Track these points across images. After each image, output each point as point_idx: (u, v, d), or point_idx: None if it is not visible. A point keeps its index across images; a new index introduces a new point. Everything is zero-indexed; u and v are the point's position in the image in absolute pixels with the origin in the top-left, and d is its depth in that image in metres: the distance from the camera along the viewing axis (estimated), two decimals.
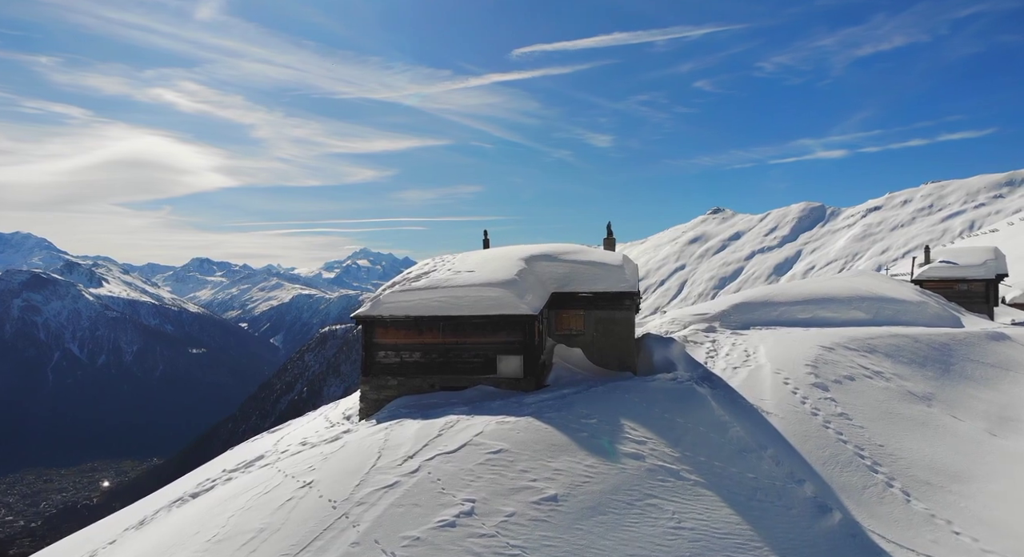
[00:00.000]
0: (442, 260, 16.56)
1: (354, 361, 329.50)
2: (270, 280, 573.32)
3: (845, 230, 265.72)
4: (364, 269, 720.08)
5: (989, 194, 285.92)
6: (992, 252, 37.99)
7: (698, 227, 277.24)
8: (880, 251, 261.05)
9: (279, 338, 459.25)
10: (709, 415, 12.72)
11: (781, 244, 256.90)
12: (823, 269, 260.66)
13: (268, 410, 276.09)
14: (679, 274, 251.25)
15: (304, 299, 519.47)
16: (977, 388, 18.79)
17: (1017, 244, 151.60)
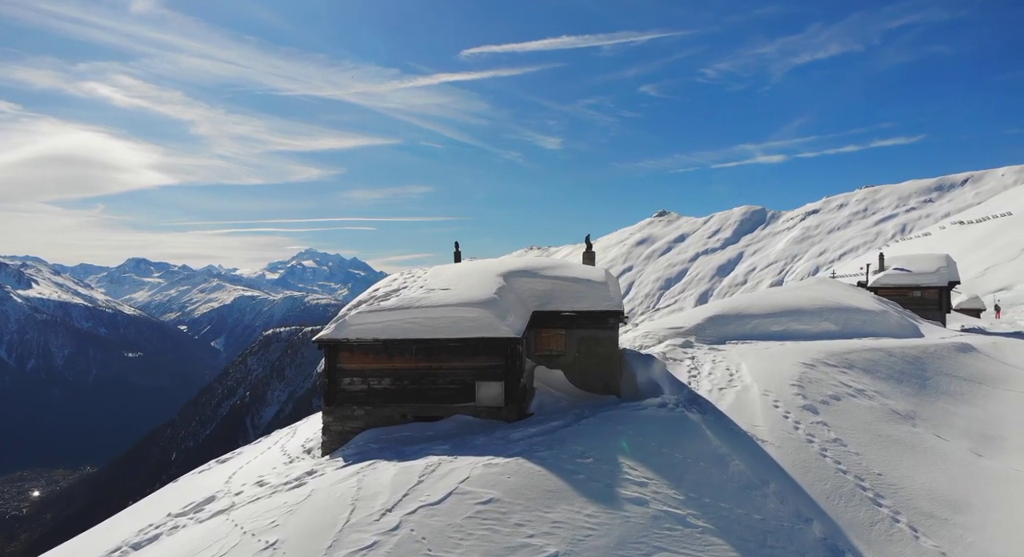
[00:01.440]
0: (412, 276, 15.31)
1: (299, 364, 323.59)
2: (211, 281, 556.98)
3: (785, 233, 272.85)
4: (310, 270, 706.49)
5: (920, 198, 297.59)
6: (944, 260, 38.64)
7: (645, 229, 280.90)
8: (818, 253, 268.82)
9: (220, 341, 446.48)
10: (706, 447, 11.86)
11: (724, 246, 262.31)
12: (764, 270, 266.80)
13: (209, 416, 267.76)
14: (627, 275, 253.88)
15: (247, 301, 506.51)
16: (955, 404, 18.55)
17: (949, 248, 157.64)
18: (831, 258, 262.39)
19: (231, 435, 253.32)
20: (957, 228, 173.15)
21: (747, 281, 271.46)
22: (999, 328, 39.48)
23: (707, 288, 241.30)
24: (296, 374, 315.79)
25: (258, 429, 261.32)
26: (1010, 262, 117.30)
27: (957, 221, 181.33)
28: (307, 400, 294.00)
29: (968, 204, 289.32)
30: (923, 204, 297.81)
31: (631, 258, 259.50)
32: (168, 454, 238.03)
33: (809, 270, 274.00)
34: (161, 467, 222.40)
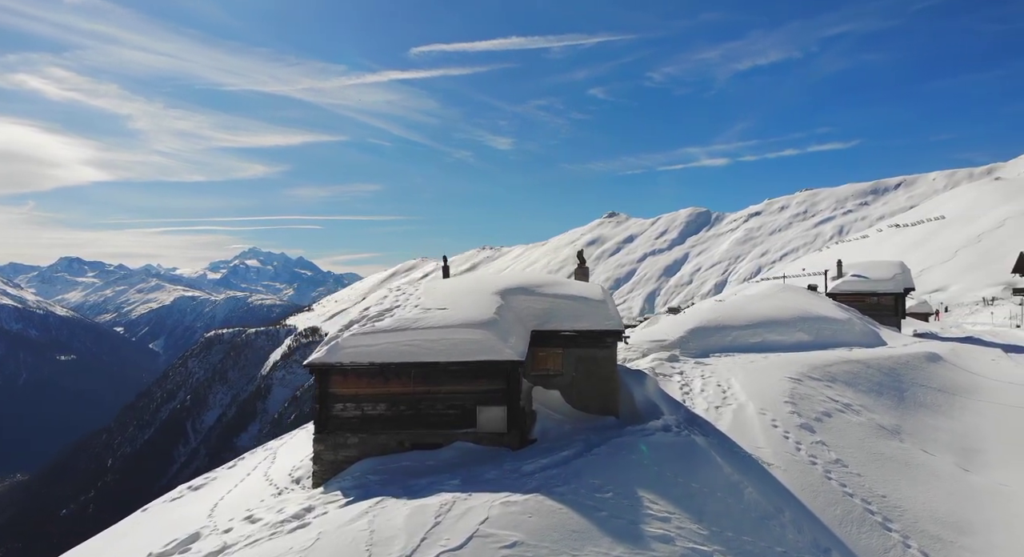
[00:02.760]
0: (403, 293, 14.65)
1: (242, 367, 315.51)
2: (149, 281, 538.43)
3: (729, 234, 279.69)
4: (254, 269, 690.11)
5: (856, 201, 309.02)
6: (899, 267, 39.76)
7: (595, 230, 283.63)
8: (760, 254, 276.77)
9: (159, 343, 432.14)
10: (718, 474, 11.61)
11: (671, 247, 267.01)
12: (708, 270, 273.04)
13: (147, 420, 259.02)
14: None
15: (187, 301, 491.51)
16: (933, 416, 18.86)
17: (887, 250, 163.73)
18: (773, 259, 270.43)
19: (171, 440, 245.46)
20: (894, 231, 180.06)
21: (692, 281, 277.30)
22: (949, 332, 40.87)
23: (655, 288, 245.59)
24: (239, 377, 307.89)
25: (199, 433, 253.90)
26: (944, 264, 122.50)
27: (893, 224, 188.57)
28: (251, 403, 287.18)
29: (902, 207, 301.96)
30: (860, 207, 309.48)
31: None
32: (103, 460, 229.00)
33: (752, 270, 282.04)
34: (96, 474, 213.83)
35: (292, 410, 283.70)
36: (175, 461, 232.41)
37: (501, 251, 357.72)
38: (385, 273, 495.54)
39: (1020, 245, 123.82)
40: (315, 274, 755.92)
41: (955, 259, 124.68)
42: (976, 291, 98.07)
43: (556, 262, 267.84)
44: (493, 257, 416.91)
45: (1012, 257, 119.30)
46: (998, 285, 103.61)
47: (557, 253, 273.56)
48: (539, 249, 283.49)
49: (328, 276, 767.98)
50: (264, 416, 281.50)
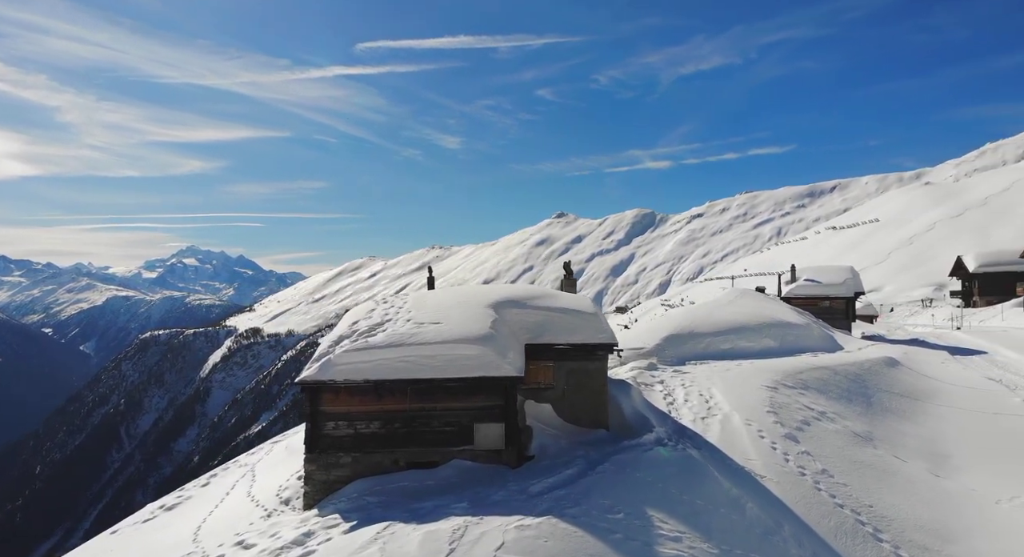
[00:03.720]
0: (391, 306, 14.29)
1: (180, 368, 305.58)
2: (79, 280, 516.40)
3: (672, 235, 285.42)
4: (192, 269, 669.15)
5: (794, 204, 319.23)
6: (849, 271, 41.12)
7: (544, 230, 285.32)
8: (702, 255, 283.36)
9: (91, 345, 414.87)
10: (719, 489, 11.68)
11: (617, 247, 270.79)
12: (653, 270, 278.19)
13: (78, 425, 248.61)
14: (527, 275, 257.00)
15: (120, 302, 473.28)
16: (900, 422, 19.48)
17: (824, 252, 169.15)
18: (714, 259, 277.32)
19: (103, 446, 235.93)
20: (831, 233, 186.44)
21: (638, 281, 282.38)
22: (895, 335, 42.49)
23: (602, 287, 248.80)
24: (177, 379, 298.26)
25: (134, 438, 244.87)
26: (878, 266, 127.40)
27: (830, 227, 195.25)
28: (189, 407, 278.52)
29: (836, 210, 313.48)
30: (797, 209, 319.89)
31: (531, 258, 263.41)
32: (31, 467, 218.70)
33: (694, 271, 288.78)
34: (23, 481, 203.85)
35: (232, 414, 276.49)
36: (108, 467, 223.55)
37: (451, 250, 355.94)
38: (330, 272, 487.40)
39: (949, 248, 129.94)
40: (256, 273, 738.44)
41: (888, 261, 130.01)
42: (908, 291, 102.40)
43: (506, 262, 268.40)
44: (443, 256, 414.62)
45: (941, 259, 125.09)
46: (929, 286, 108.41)
47: (507, 253, 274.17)
48: (489, 249, 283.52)
49: (270, 275, 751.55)
50: (203, 420, 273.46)
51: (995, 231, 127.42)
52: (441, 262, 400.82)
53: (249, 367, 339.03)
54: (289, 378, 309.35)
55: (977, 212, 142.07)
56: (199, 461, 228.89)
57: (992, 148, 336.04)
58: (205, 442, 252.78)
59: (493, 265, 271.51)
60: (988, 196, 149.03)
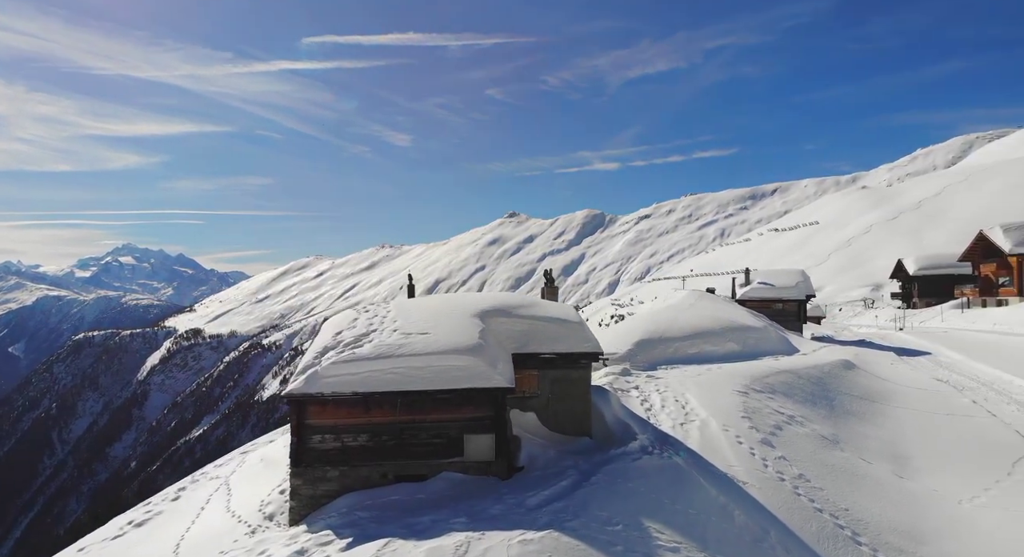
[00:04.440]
0: (374, 315, 14.06)
1: (116, 371, 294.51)
2: (7, 279, 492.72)
3: (621, 235, 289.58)
4: (128, 267, 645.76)
5: (737, 206, 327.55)
6: (801, 275, 42.39)
7: (496, 230, 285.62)
8: (649, 255, 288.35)
9: (19, 347, 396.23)
10: (708, 497, 11.87)
11: (568, 247, 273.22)
12: (603, 270, 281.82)
13: (7, 430, 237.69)
14: (479, 274, 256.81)
15: (51, 301, 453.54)
16: (861, 424, 20.17)
17: (766, 253, 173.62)
18: (661, 259, 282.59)
19: (35, 452, 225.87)
20: (773, 235, 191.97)
21: (588, 280, 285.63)
22: (842, 336, 44.03)
23: None
24: (112, 382, 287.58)
25: (66, 444, 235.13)
26: (818, 267, 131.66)
27: (772, 228, 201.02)
28: (125, 411, 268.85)
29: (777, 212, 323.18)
30: (739, 211, 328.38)
31: (483, 257, 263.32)
32: None
33: (642, 271, 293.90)
34: None
35: (172, 417, 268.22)
36: (40, 474, 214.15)
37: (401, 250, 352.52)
38: (275, 272, 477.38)
39: (885, 250, 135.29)
40: (197, 272, 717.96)
41: (828, 262, 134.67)
42: (848, 292, 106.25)
43: (458, 261, 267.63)
44: (393, 256, 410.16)
45: (878, 261, 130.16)
46: (867, 286, 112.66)
47: (459, 252, 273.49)
48: (440, 248, 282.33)
49: (212, 274, 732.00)
50: (141, 424, 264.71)
51: (928, 234, 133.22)
52: (391, 261, 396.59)
53: (190, 369, 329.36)
54: (232, 380, 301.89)
55: (911, 216, 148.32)
56: (136, 467, 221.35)
57: (923, 154, 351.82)
58: (143, 447, 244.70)
59: (445, 265, 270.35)
60: (921, 200, 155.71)
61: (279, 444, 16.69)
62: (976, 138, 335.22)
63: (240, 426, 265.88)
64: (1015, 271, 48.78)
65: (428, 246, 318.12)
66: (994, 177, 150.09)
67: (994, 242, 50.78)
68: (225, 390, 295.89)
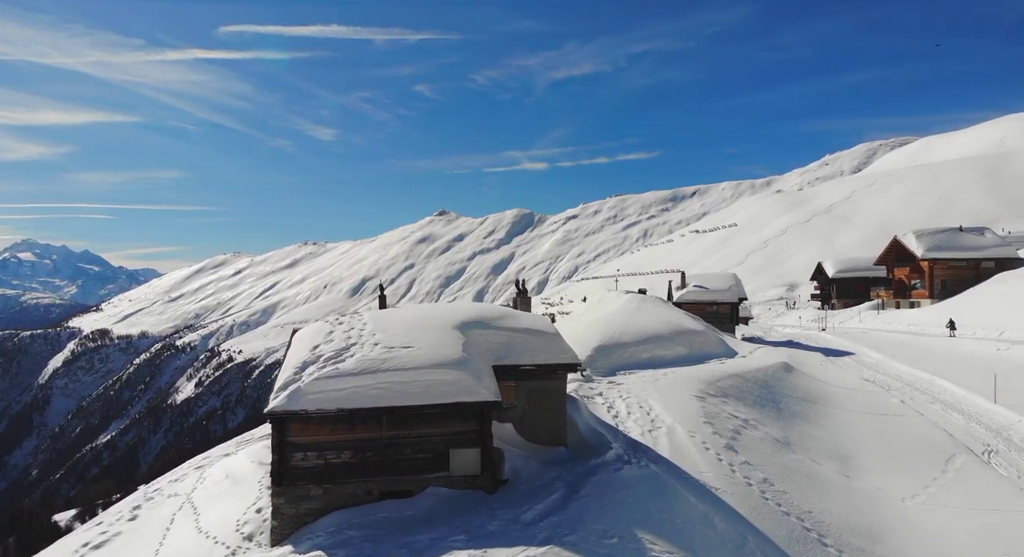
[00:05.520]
0: (351, 327, 13.78)
1: (14, 374, 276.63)
2: None
3: (550, 235, 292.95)
4: (28, 264, 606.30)
5: (659, 208, 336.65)
6: (733, 278, 44.00)
7: (425, 228, 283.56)
8: (577, 254, 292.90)
9: None
10: (689, 506, 12.24)
11: (498, 246, 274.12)
12: (532, 269, 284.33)
13: None
14: (408, 273, 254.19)
15: None
16: (806, 425, 21.14)
17: (688, 254, 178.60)
18: (588, 259, 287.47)
19: None
20: (694, 236, 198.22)
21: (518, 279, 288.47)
22: (771, 336, 45.98)
23: (483, 286, 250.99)
24: (11, 386, 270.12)
25: None
26: (737, 267, 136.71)
27: (694, 230, 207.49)
28: (25, 416, 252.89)
29: (696, 214, 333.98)
30: (661, 212, 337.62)
31: (412, 255, 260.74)
32: None
33: (570, 270, 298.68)
34: None
35: (77, 422, 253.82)
36: None
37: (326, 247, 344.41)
38: (190, 269, 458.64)
39: (799, 251, 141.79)
40: (104, 269, 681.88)
41: (746, 263, 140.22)
42: (765, 291, 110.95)
43: (386, 259, 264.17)
44: (316, 253, 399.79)
45: (793, 261, 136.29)
46: (782, 286, 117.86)
47: (387, 250, 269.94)
48: (368, 246, 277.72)
49: (120, 272, 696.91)
50: (43, 430, 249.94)
51: (839, 236, 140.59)
52: (314, 259, 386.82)
53: (96, 372, 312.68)
54: (143, 383, 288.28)
55: (823, 219, 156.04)
56: (38, 475, 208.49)
57: (832, 159, 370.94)
58: (45, 454, 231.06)
59: (372, 262, 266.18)
60: (832, 204, 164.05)
61: (242, 458, 16.14)
62: (880, 145, 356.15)
63: (152, 431, 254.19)
64: (927, 275, 52.22)
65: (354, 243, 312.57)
66: (898, 183, 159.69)
67: (907, 247, 54.19)
68: (135, 394, 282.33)
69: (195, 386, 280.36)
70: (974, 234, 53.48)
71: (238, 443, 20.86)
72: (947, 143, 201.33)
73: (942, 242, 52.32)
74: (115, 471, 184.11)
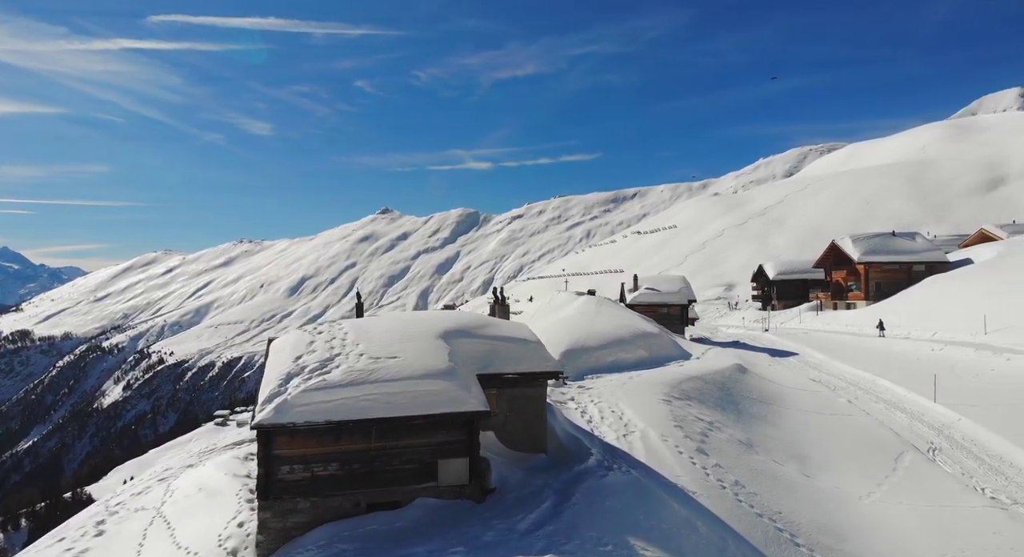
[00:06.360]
0: (333, 337, 13.57)
1: None
2: None
3: (495, 234, 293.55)
4: None
5: (601, 208, 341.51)
6: (683, 281, 45.07)
7: (368, 226, 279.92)
8: (522, 254, 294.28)
9: None
10: (672, 511, 12.54)
11: (443, 245, 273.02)
12: (477, 269, 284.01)
13: None
14: (350, 272, 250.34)
15: None
16: (764, 426, 21.89)
17: (630, 254, 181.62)
18: (533, 259, 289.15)
19: None
20: (636, 237, 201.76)
21: (463, 278, 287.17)
22: (717, 337, 47.29)
23: (428, 285, 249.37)
24: None
25: None
26: (677, 267, 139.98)
27: (636, 231, 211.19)
28: None
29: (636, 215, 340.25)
30: (603, 213, 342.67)
31: (355, 254, 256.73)
32: None
33: (515, 269, 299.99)
34: None
35: None
36: None
37: (262, 245, 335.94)
38: (117, 267, 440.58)
39: (736, 252, 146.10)
40: (24, 268, 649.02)
41: (686, 263, 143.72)
42: (704, 291, 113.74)
43: (326, 258, 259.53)
44: (252, 251, 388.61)
45: (731, 262, 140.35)
46: (720, 286, 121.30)
47: (327, 248, 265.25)
48: (307, 244, 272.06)
49: (41, 270, 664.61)
50: None
51: (773, 238, 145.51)
52: (250, 257, 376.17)
53: (16, 375, 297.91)
54: (66, 386, 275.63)
55: (758, 221, 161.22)
56: None
57: (765, 163, 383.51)
58: None
59: (312, 261, 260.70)
60: (766, 207, 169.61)
61: (211, 470, 15.70)
62: (810, 150, 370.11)
63: (77, 437, 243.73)
64: (863, 277, 54.62)
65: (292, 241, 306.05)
66: (828, 187, 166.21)
67: (845, 251, 56.56)
68: (59, 397, 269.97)
69: (123, 389, 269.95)
70: (906, 239, 56.23)
71: (200, 454, 20.25)
72: (873, 149, 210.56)
73: (877, 246, 54.82)
74: (37, 478, 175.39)
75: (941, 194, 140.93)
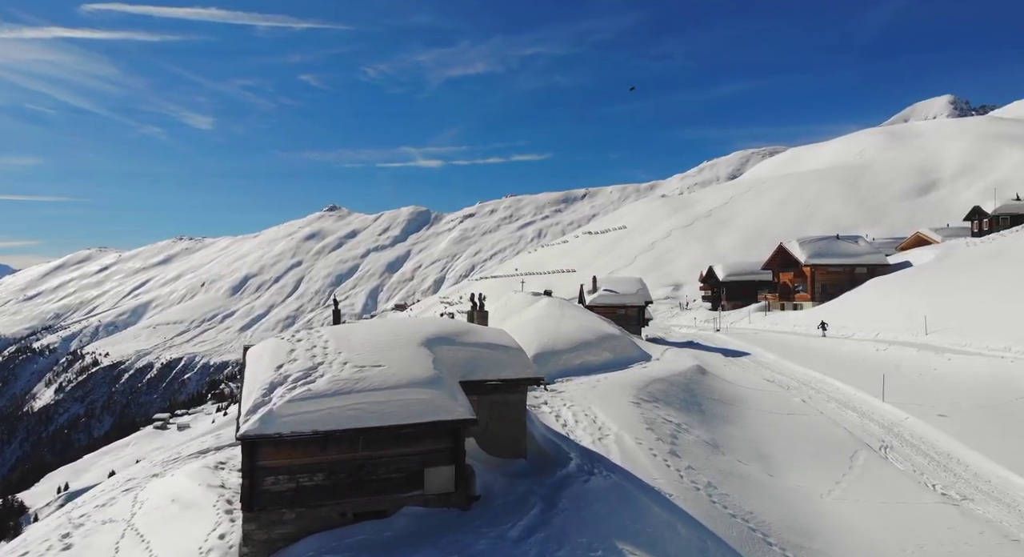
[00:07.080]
0: (313, 345, 13.38)
1: None
2: None
3: (446, 233, 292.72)
4: None
5: (552, 208, 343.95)
6: (640, 283, 45.85)
7: (315, 223, 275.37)
8: (474, 253, 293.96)
9: None
10: (654, 514, 12.80)
11: (393, 244, 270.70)
12: (429, 267, 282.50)
13: None
14: (295, 271, 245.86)
15: None
16: (727, 426, 22.51)
17: (582, 254, 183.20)
18: (485, 258, 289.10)
19: None
20: (587, 237, 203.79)
21: (414, 278, 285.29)
22: (672, 337, 48.26)
23: (378, 284, 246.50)
24: None
25: None
26: (627, 267, 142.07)
27: (587, 231, 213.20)
28: None
29: (586, 215, 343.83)
30: (554, 213, 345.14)
31: (300, 252, 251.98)
32: None
33: (467, 268, 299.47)
34: None
35: None
36: None
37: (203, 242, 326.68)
38: (48, 265, 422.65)
39: (683, 253, 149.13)
40: None
41: (635, 263, 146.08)
42: (653, 291, 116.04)
43: (271, 256, 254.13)
44: (193, 248, 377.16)
45: (678, 262, 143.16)
46: (669, 286, 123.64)
47: (272, 246, 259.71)
48: (250, 241, 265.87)
49: None
50: None
51: (719, 239, 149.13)
52: (190, 255, 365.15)
53: None
54: None
55: (704, 222, 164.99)
56: None
57: (709, 166, 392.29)
58: None
59: (256, 259, 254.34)
60: (712, 209, 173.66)
61: (182, 479, 15.32)
62: (752, 153, 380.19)
63: (6, 441, 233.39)
64: (809, 279, 56.52)
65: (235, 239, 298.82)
66: (771, 190, 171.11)
67: (792, 254, 58.42)
68: None
69: (55, 392, 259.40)
70: (849, 242, 58.42)
71: (164, 463, 19.68)
72: (813, 153, 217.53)
73: (822, 249, 56.82)
74: None
75: (877, 198, 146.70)
